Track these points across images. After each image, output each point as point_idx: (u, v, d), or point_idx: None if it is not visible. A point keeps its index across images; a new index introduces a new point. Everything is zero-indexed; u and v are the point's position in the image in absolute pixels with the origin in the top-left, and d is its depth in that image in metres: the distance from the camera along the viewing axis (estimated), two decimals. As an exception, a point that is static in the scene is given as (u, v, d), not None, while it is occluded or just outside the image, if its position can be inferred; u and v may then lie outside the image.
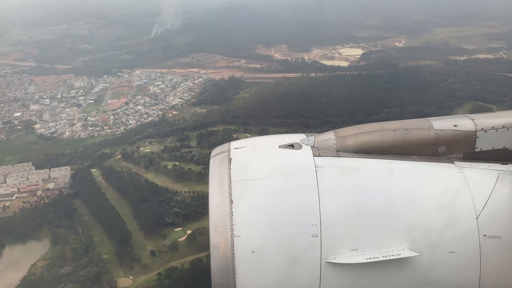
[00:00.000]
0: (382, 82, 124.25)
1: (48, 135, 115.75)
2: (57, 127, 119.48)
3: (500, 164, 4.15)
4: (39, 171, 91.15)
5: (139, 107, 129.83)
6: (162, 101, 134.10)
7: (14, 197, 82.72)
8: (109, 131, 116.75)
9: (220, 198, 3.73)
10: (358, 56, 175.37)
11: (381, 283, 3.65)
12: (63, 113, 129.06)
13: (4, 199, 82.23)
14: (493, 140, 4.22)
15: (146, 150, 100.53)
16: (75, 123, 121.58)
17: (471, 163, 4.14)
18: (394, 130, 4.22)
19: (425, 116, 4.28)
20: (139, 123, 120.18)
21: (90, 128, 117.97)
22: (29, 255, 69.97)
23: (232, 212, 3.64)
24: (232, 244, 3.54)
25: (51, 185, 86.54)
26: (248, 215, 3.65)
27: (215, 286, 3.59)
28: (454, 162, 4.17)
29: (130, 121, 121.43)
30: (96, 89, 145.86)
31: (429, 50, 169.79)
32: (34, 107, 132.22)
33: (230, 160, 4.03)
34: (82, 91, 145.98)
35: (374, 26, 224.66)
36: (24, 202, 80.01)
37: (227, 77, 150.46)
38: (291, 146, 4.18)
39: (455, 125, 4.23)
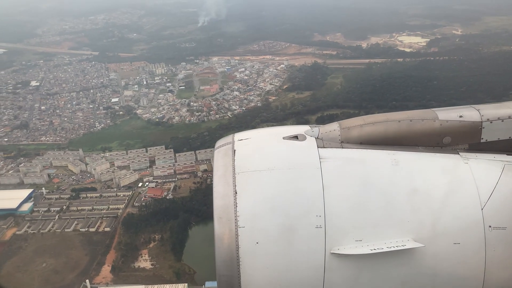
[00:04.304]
0: (481, 67, 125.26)
1: (157, 120, 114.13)
2: (163, 112, 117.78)
3: (506, 155, 4.13)
4: (185, 153, 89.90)
5: (236, 93, 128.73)
6: (254, 87, 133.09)
7: (176, 178, 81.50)
8: (217, 116, 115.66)
9: (225, 190, 3.73)
10: (423, 44, 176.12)
11: (385, 274, 3.67)
12: (158, 99, 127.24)
13: (167, 180, 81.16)
14: (499, 131, 4.20)
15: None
16: (179, 108, 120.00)
17: (477, 154, 4.13)
18: (399, 121, 4.23)
19: None
20: (243, 108, 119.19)
21: (197, 114, 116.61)
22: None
23: (236, 203, 3.64)
24: (237, 235, 3.55)
25: (203, 167, 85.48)
26: (252, 206, 3.66)
27: (220, 277, 3.62)
28: (459, 153, 4.16)
29: (233, 106, 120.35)
30: (180, 76, 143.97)
31: (492, 37, 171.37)
32: (127, 92, 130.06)
33: (234, 152, 4.03)
34: (166, 77, 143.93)
35: (420, 15, 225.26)
36: (194, 183, 78.93)
37: (310, 63, 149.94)
38: (295, 137, 4.16)
39: (461, 116, 4.22)
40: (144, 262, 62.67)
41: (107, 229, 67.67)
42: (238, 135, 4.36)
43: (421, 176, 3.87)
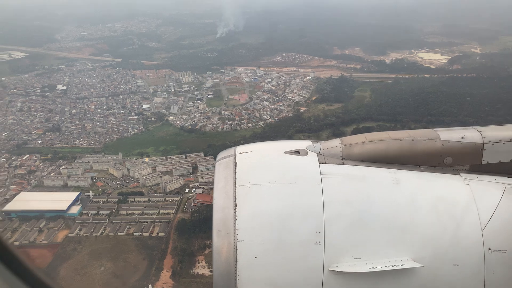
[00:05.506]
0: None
1: (190, 127, 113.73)
2: (195, 119, 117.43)
3: (506, 178, 4.15)
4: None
5: (265, 102, 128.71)
6: (283, 98, 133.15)
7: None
8: (249, 125, 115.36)
9: (225, 202, 3.76)
10: (444, 61, 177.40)
11: None
12: (188, 107, 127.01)
13: (213, 186, 79.96)
14: (500, 153, 4.22)
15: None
16: (211, 116, 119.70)
17: (478, 176, 4.14)
18: (401, 140, 4.26)
19: None
20: (274, 118, 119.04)
21: (229, 122, 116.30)
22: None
23: (236, 216, 3.64)
24: (235, 248, 3.54)
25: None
26: (251, 220, 3.65)
27: None
28: (460, 174, 4.17)
29: (264, 116, 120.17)
30: (207, 85, 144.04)
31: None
32: (157, 99, 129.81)
33: (236, 165, 4.07)
34: (193, 86, 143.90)
35: (436, 32, 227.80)
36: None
37: (336, 76, 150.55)
38: (297, 152, 4.19)
39: (462, 137, 4.25)
40: (202, 269, 61.50)
41: (161, 234, 66.63)
42: (240, 148, 4.32)
43: (421, 196, 3.85)
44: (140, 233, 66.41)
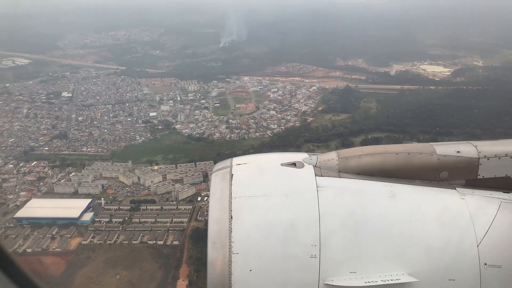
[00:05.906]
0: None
1: (198, 135, 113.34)
2: (202, 128, 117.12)
3: (502, 193, 4.18)
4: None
5: (272, 112, 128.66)
6: (289, 108, 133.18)
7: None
8: (257, 134, 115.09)
9: (220, 214, 3.73)
10: (447, 73, 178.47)
11: None
12: (195, 115, 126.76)
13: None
14: (496, 168, 4.25)
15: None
16: (218, 125, 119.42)
17: (473, 190, 4.18)
18: (397, 154, 4.28)
19: None
20: (282, 127, 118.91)
21: (236, 131, 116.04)
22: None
23: (231, 228, 3.62)
24: (230, 261, 3.53)
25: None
26: (247, 232, 3.64)
27: None
28: (456, 188, 4.20)
29: (271, 125, 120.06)
30: (213, 94, 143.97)
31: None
32: (164, 107, 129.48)
33: (232, 176, 4.05)
34: (199, 94, 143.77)
35: (438, 45, 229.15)
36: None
37: (341, 87, 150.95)
38: (293, 164, 4.20)
39: (458, 151, 4.28)
40: (218, 278, 60.60)
41: (176, 242, 65.82)
42: (236, 160, 4.30)
43: (417, 210, 3.87)
44: (154, 242, 65.61)
